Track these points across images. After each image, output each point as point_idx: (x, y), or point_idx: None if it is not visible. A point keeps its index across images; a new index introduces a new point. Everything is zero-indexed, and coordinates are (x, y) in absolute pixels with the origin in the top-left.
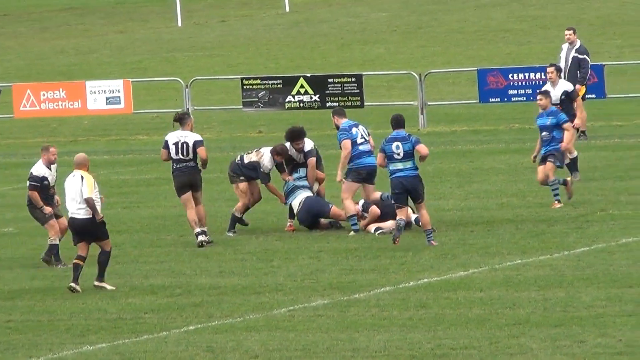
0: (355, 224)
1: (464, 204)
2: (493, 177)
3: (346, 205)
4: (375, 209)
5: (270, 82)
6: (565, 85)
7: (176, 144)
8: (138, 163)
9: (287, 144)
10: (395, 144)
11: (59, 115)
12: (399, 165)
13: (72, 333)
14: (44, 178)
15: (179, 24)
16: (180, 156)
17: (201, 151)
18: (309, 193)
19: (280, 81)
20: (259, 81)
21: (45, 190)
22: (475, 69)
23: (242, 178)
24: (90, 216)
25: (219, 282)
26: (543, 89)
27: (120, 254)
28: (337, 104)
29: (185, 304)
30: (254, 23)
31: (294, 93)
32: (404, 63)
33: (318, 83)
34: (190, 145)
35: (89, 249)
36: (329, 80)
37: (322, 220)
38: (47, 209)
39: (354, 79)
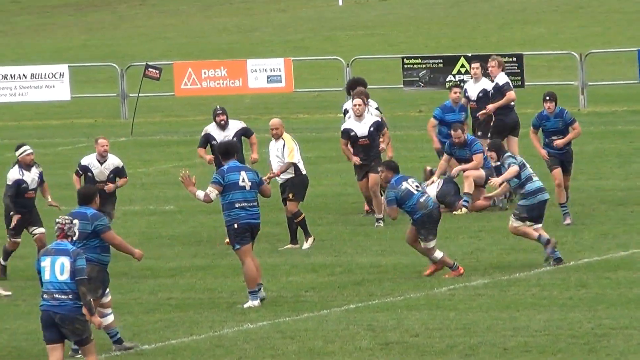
0: None
1: (624, 184)
2: None
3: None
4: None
5: (431, 61)
6: (485, 83)
7: None
8: (299, 141)
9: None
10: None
11: (219, 94)
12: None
13: (233, 311)
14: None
15: (340, 3)
16: None
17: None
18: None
19: (441, 60)
20: (419, 60)
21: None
22: (636, 49)
23: None
24: None
25: (379, 260)
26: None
27: (281, 232)
28: None
29: (346, 282)
30: (414, 2)
31: (455, 72)
32: (564, 43)
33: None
34: None
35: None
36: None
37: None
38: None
39: (514, 59)
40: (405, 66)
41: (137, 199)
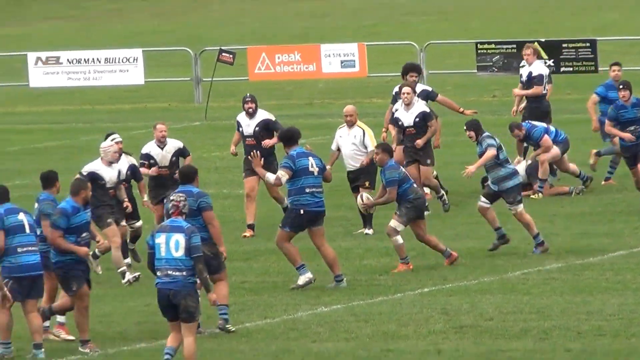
0: None
1: None
2: None
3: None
4: None
5: (504, 46)
6: None
7: None
8: (373, 126)
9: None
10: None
11: (293, 79)
12: None
13: (307, 294)
14: (149, 156)
15: None
16: None
17: None
18: None
19: (515, 46)
20: (493, 45)
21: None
22: None
23: None
24: None
25: (453, 245)
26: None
27: (354, 216)
28: (571, 68)
29: (420, 266)
30: None
31: None
32: (638, 29)
33: (552, 48)
34: None
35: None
36: (563, 45)
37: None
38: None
39: (588, 44)
40: (479, 51)
41: (211, 183)
